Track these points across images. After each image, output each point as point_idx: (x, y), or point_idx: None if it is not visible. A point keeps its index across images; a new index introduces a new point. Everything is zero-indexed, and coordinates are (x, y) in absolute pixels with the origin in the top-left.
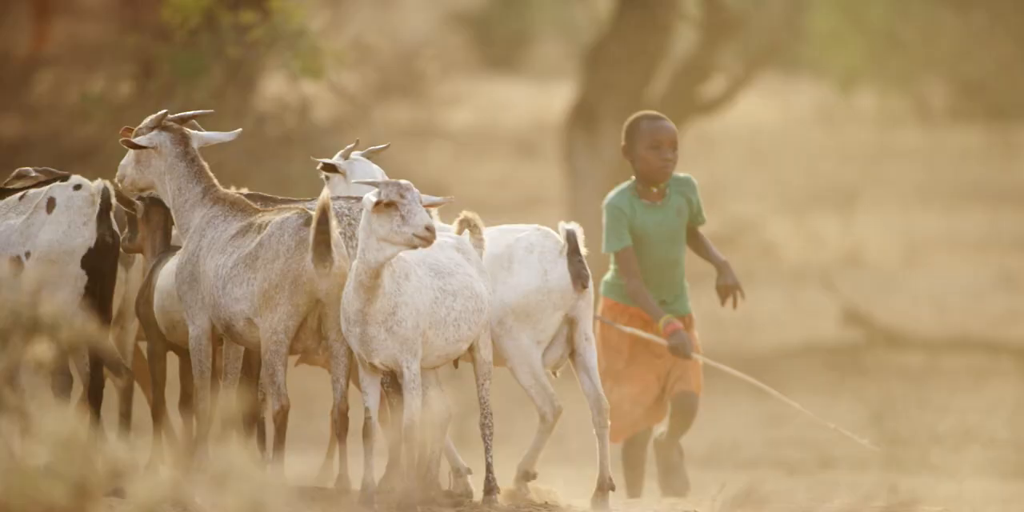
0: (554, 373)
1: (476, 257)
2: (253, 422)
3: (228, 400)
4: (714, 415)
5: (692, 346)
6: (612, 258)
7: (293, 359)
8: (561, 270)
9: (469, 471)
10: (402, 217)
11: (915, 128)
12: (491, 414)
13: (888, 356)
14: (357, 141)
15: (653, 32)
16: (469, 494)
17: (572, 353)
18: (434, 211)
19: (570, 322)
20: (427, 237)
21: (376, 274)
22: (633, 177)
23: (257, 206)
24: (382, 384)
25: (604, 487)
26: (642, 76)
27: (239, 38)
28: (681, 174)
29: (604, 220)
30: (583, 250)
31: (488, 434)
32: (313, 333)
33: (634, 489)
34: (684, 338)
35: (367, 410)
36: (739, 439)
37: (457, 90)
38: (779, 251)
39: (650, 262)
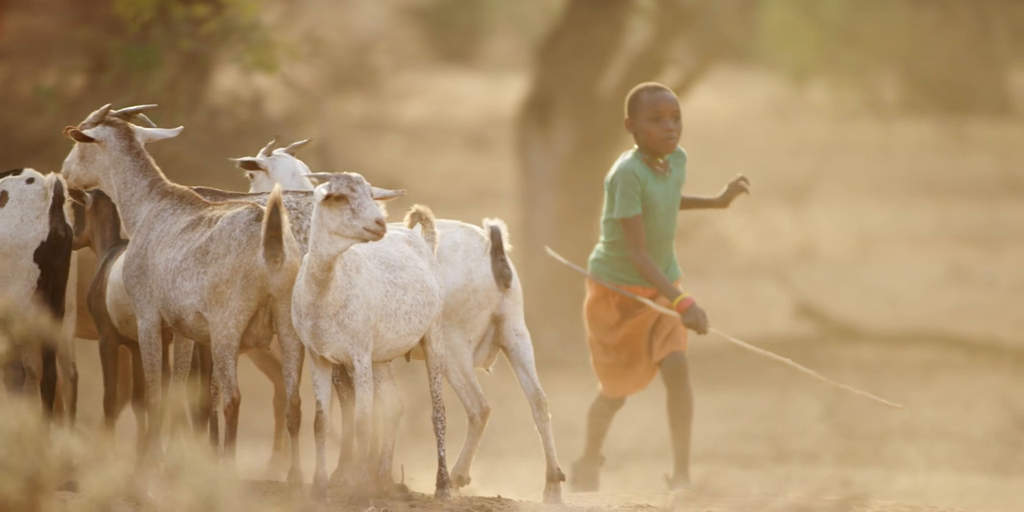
0: (487, 369)
1: (428, 250)
2: (206, 416)
3: (179, 394)
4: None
5: (707, 321)
6: (607, 228)
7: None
8: (486, 268)
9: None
10: (352, 210)
11: (868, 122)
12: (444, 408)
13: (841, 349)
14: (277, 137)
15: (606, 25)
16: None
17: (506, 350)
18: (383, 204)
19: (497, 320)
20: (377, 231)
21: (328, 267)
22: (636, 147)
23: (207, 200)
24: (333, 379)
25: (554, 478)
26: (595, 69)
27: (192, 31)
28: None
29: (618, 185)
30: (507, 247)
31: (441, 428)
32: (264, 328)
33: (593, 451)
34: (698, 313)
35: (318, 403)
36: (693, 432)
37: (410, 83)
38: (732, 244)
39: (655, 233)
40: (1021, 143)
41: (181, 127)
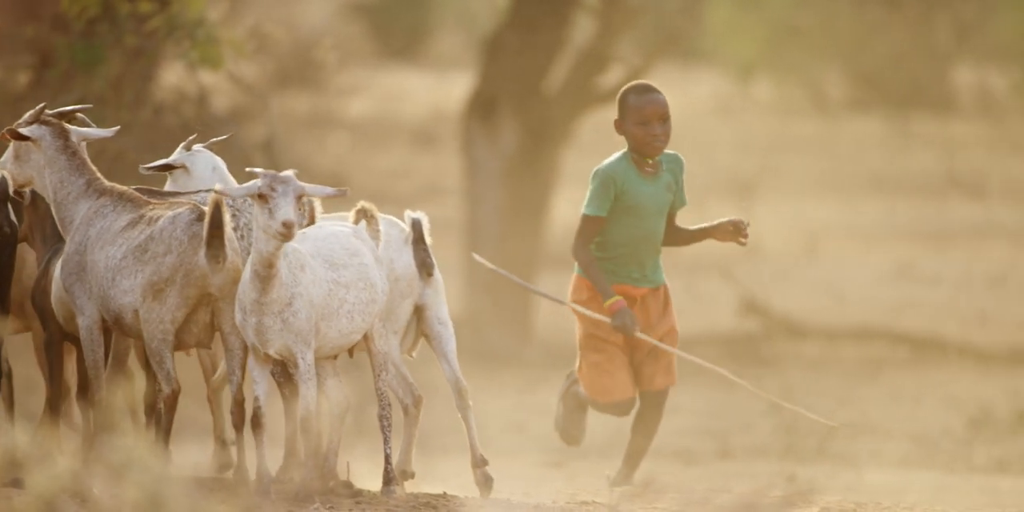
0: (410, 355)
1: (373, 246)
2: (152, 412)
3: (116, 391)
4: None
5: (637, 325)
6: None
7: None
8: (407, 259)
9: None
10: (269, 210)
11: (813, 118)
12: (389, 405)
13: (786, 346)
14: (196, 134)
15: (551, 22)
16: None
17: (429, 338)
18: (318, 202)
19: (419, 309)
20: (283, 233)
21: (268, 264)
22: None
23: (146, 198)
24: (273, 375)
25: (479, 464)
26: (540, 66)
27: (137, 28)
28: (671, 152)
29: (594, 183)
30: (428, 239)
31: (387, 425)
32: (206, 327)
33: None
34: (627, 316)
35: (256, 399)
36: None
37: (356, 80)
38: None
39: (639, 233)
40: (966, 139)
41: (118, 127)
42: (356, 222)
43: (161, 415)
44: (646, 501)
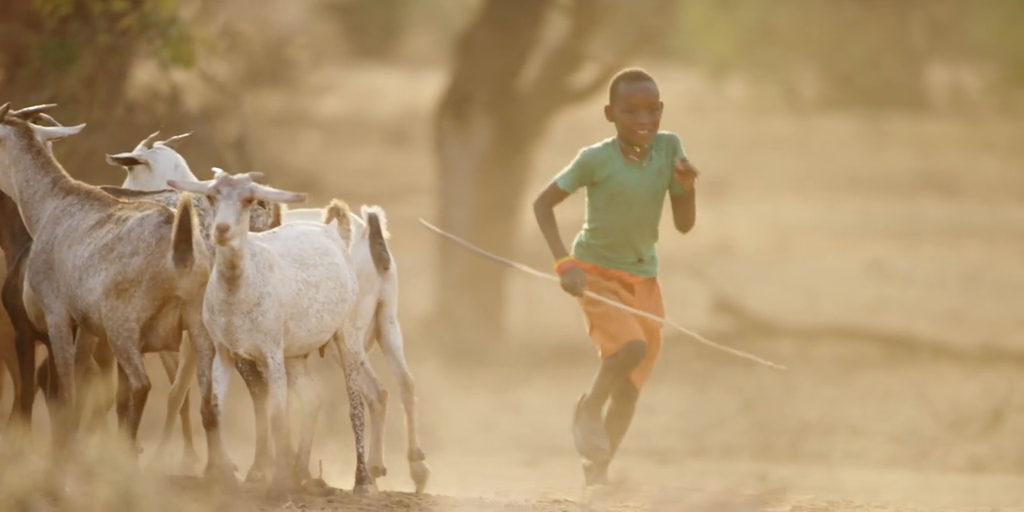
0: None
1: (344, 246)
2: (124, 410)
3: (84, 390)
4: None
5: (584, 284)
6: (588, 214)
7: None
8: (365, 253)
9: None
10: (213, 213)
11: (786, 117)
12: (361, 404)
13: (758, 345)
14: (159, 131)
15: (524, 21)
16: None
17: (378, 336)
18: (283, 206)
19: (378, 306)
20: (216, 237)
21: (231, 265)
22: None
23: (114, 198)
24: (242, 373)
25: (416, 457)
26: (513, 64)
27: (110, 26)
28: (665, 132)
29: (575, 159)
30: (385, 233)
31: (359, 424)
32: (173, 330)
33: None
34: (577, 276)
35: (215, 397)
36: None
37: (328, 79)
38: None
39: (627, 220)
40: (939, 138)
41: (83, 125)
42: (328, 221)
43: (130, 412)
44: (619, 500)
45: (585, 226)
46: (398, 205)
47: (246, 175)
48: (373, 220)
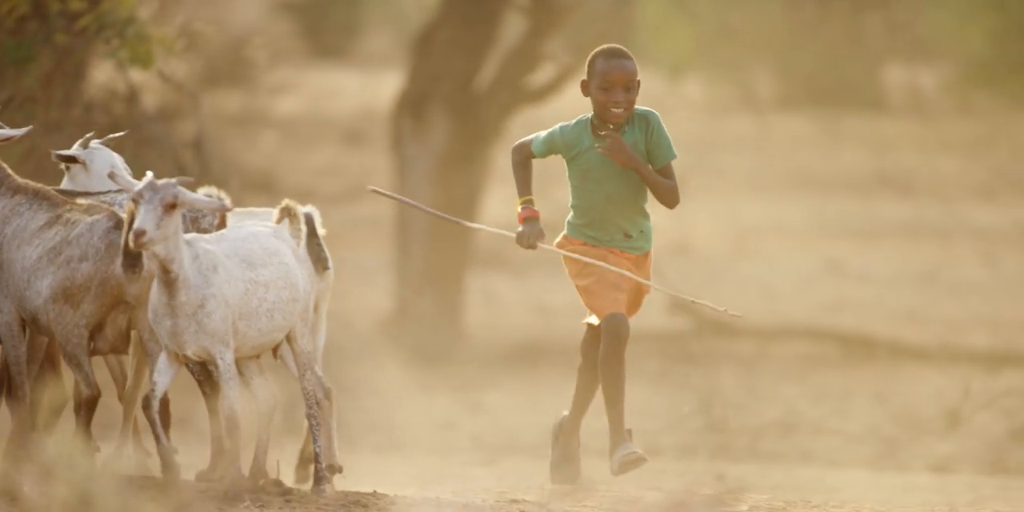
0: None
1: (294, 246)
2: (80, 410)
3: (39, 389)
4: (543, 403)
5: (537, 236)
6: (571, 193)
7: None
8: (302, 253)
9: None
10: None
11: (743, 117)
12: (317, 404)
13: (716, 344)
14: (94, 131)
15: (481, 20)
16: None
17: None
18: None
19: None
20: (133, 241)
21: (164, 269)
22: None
23: (63, 198)
24: (192, 373)
25: (305, 460)
26: (471, 64)
27: (67, 26)
28: (643, 108)
29: (551, 128)
30: (321, 231)
31: (315, 424)
32: (122, 334)
33: (616, 418)
34: (530, 228)
35: (154, 384)
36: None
37: (286, 78)
38: None
39: (600, 198)
40: (896, 138)
41: (29, 127)
42: (279, 221)
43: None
44: (576, 499)
45: (570, 205)
46: (356, 204)
47: (173, 180)
48: (309, 220)
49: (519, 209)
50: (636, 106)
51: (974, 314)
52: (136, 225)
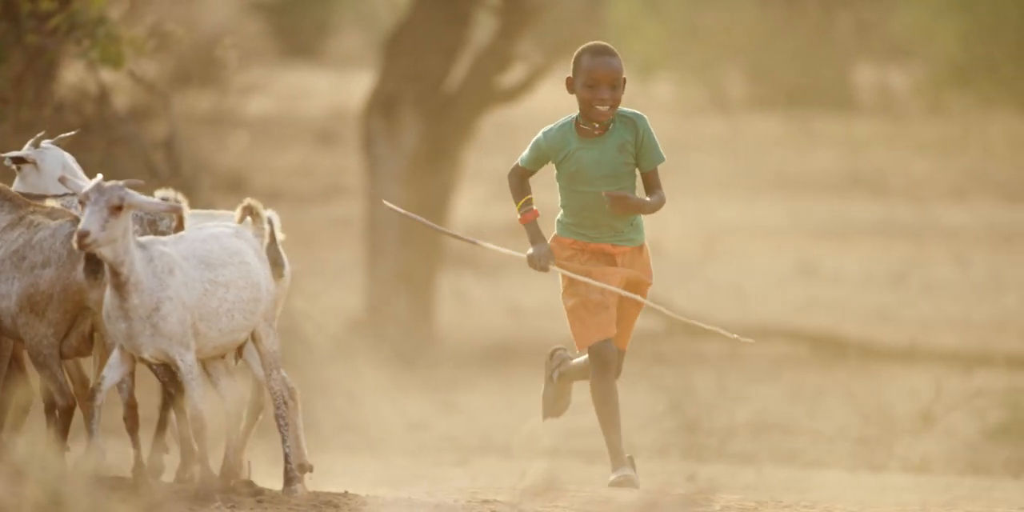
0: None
1: (257, 245)
2: (51, 411)
3: (9, 389)
4: (513, 403)
5: (548, 259)
6: (559, 192)
7: None
8: (264, 253)
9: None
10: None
11: (714, 117)
12: (284, 404)
13: (687, 344)
14: (44, 132)
15: (452, 20)
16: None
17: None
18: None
19: None
20: (76, 242)
21: (114, 272)
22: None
23: (25, 199)
24: (157, 375)
25: (233, 473)
26: (442, 64)
27: (38, 26)
28: (629, 110)
29: (533, 139)
30: (280, 236)
31: (283, 424)
32: (85, 338)
33: (612, 440)
34: (541, 250)
35: (102, 378)
36: (538, 427)
37: (256, 79)
38: None
39: (590, 198)
40: (866, 138)
41: None
42: (240, 220)
43: (55, 421)
44: (548, 500)
45: (560, 204)
46: (326, 205)
47: (120, 183)
48: (269, 224)
49: (519, 213)
50: (623, 108)
51: (946, 314)
52: (80, 226)
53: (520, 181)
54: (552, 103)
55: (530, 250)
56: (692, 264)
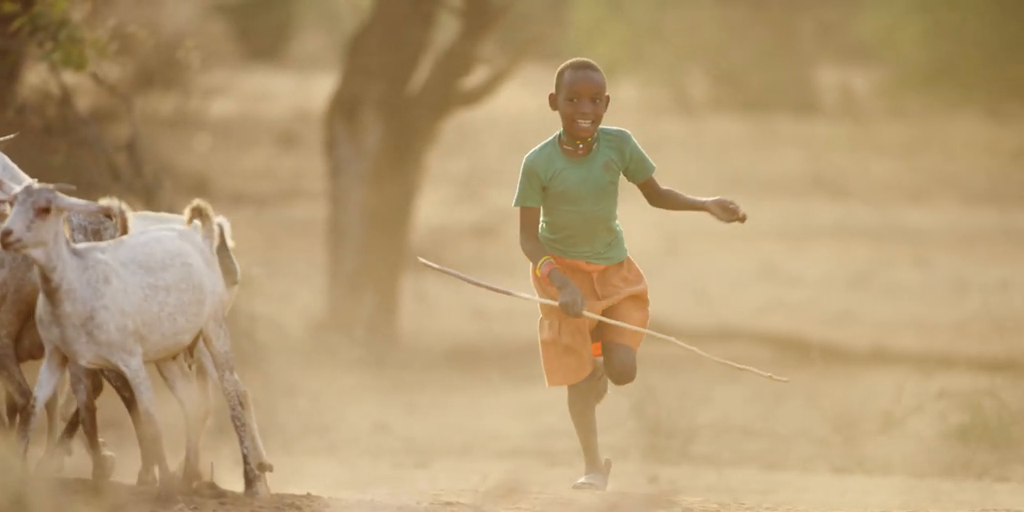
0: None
1: (204, 247)
2: (14, 414)
3: None
4: (476, 405)
5: (582, 304)
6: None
7: None
8: (211, 255)
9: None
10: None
11: (676, 118)
12: (240, 405)
13: (648, 347)
14: (14, 134)
15: (415, 22)
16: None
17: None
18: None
19: None
20: (2, 241)
21: (44, 278)
22: (561, 129)
23: None
24: (108, 380)
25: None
26: (404, 67)
27: (1, 29)
28: (613, 128)
29: (520, 174)
30: (230, 243)
31: (240, 425)
32: (37, 342)
33: (588, 445)
34: (576, 296)
35: (35, 398)
36: (500, 429)
37: (219, 81)
38: None
39: (576, 218)
40: (828, 140)
41: None
42: (190, 221)
43: (17, 423)
44: (510, 502)
45: (542, 219)
46: (289, 207)
47: (50, 186)
48: (219, 231)
49: (539, 270)
50: (605, 126)
51: (908, 316)
52: (5, 225)
53: (533, 244)
54: (515, 105)
55: (563, 298)
56: (653, 265)
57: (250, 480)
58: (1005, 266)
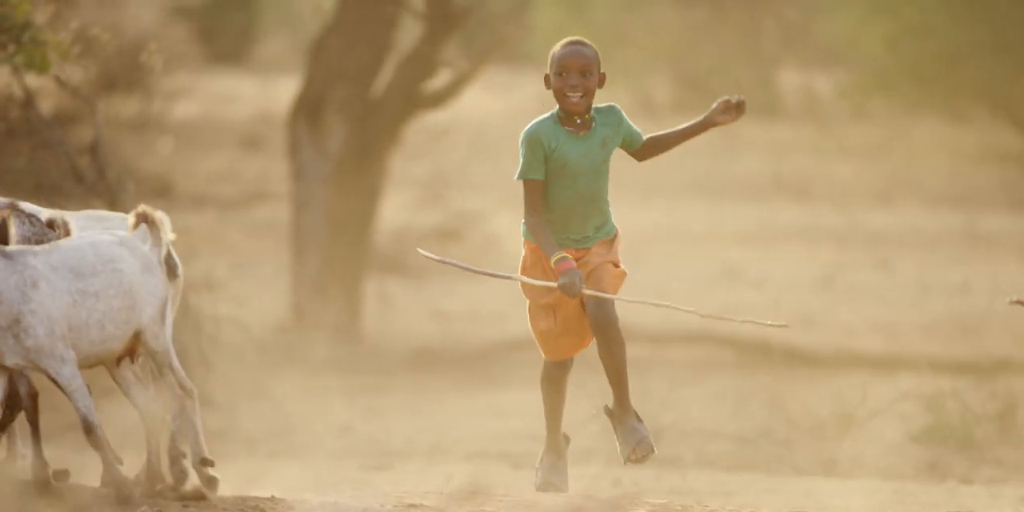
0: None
1: (143, 252)
2: None
3: None
4: (439, 407)
5: (581, 285)
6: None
7: None
8: (155, 259)
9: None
10: None
11: (639, 121)
12: (187, 395)
13: None
14: None
15: (378, 25)
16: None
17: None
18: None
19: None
20: None
21: None
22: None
23: None
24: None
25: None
26: (367, 69)
27: None
28: (603, 104)
29: (521, 147)
30: (170, 235)
31: (184, 422)
32: None
33: (552, 421)
34: (575, 277)
35: None
36: (464, 432)
37: (182, 83)
38: (503, 244)
39: (573, 195)
40: (791, 143)
41: None
42: (135, 227)
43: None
44: (474, 504)
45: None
46: (252, 209)
47: None
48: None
49: (555, 263)
50: (596, 104)
51: (871, 318)
52: None
53: (537, 219)
54: (478, 108)
55: (562, 280)
56: None
57: (178, 479)
58: (968, 268)
